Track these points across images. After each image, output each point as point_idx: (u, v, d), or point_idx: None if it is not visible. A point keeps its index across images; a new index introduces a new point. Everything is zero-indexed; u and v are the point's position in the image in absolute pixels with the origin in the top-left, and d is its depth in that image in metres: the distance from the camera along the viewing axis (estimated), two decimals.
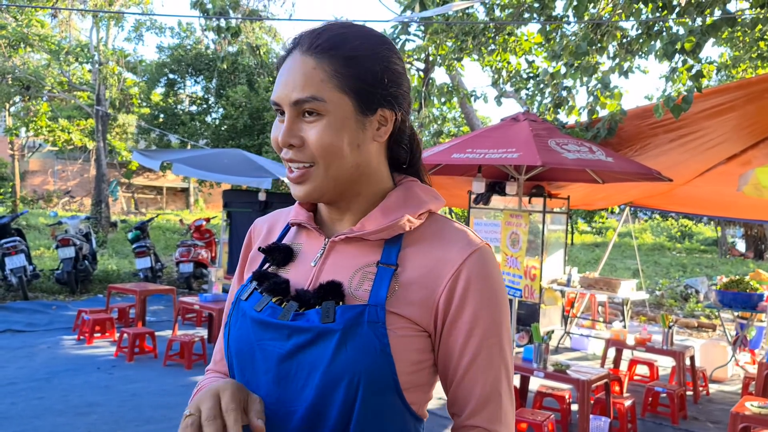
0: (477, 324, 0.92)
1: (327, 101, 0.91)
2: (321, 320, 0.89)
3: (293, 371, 0.90)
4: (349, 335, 0.87)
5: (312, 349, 0.89)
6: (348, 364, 0.86)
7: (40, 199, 23.62)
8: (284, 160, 0.95)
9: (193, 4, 5.66)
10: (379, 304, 0.89)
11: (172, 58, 18.54)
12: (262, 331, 0.94)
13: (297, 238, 1.05)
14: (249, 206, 10.16)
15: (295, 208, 1.06)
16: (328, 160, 0.92)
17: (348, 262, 0.96)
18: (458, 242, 0.95)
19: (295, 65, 0.93)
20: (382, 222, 0.95)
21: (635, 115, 6.01)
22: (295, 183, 0.96)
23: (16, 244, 8.98)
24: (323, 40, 0.93)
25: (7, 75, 15.63)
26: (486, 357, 0.93)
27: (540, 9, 6.21)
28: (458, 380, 0.93)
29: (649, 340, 5.65)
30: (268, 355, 0.92)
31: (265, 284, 0.97)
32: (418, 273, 0.93)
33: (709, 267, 17.35)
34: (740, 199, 6.48)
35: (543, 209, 7.01)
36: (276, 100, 0.94)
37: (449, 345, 0.93)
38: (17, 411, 4.59)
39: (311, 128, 0.92)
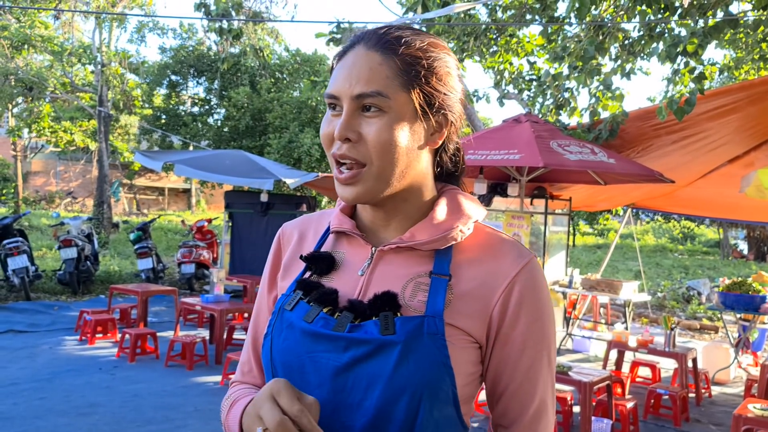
0: (530, 336, 0.92)
1: (391, 98, 0.89)
2: (380, 332, 0.87)
3: (350, 384, 0.88)
4: (411, 347, 0.85)
5: (371, 361, 0.86)
6: (410, 376, 0.84)
7: (42, 199, 23.65)
8: (334, 156, 0.92)
9: (197, 6, 5.67)
10: (437, 315, 0.88)
11: (174, 60, 18.57)
12: (313, 343, 0.90)
13: (337, 245, 1.02)
14: (251, 207, 10.18)
15: (337, 215, 1.02)
16: (383, 160, 0.90)
17: (398, 272, 0.94)
18: (509, 254, 0.94)
19: (360, 59, 0.91)
20: (434, 232, 0.93)
21: (637, 117, 6.00)
22: (344, 184, 0.92)
23: (18, 245, 9.00)
24: (392, 37, 0.92)
25: (10, 76, 15.65)
26: (538, 369, 0.93)
27: (542, 10, 6.21)
28: (511, 392, 0.93)
29: (651, 342, 5.64)
30: (321, 367, 0.89)
31: (313, 294, 0.94)
32: (471, 284, 0.92)
33: (711, 269, 17.33)
34: (743, 201, 6.47)
35: (545, 211, 7.01)
36: (335, 93, 0.91)
37: (502, 357, 0.92)
38: (19, 411, 4.59)
39: (371, 124, 0.89)
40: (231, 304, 6.76)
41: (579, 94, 6.74)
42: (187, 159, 9.67)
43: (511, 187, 6.80)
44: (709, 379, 6.04)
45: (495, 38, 7.39)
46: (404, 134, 0.90)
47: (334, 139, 0.92)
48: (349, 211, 1.03)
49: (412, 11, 5.83)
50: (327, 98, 0.93)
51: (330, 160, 0.93)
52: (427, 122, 0.93)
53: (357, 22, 5.90)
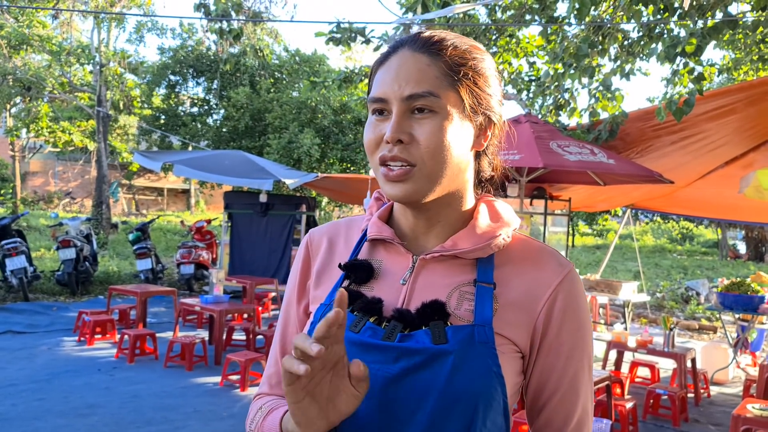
0: (574, 345, 0.92)
1: (441, 98, 0.89)
2: (433, 341, 0.85)
3: (402, 395, 0.85)
4: (464, 357, 0.84)
5: (424, 371, 0.84)
6: (465, 386, 0.83)
7: (40, 200, 23.63)
8: (384, 159, 0.89)
9: (196, 6, 5.67)
10: (487, 324, 0.87)
11: (173, 60, 18.55)
12: (362, 354, 0.87)
13: (374, 253, 1.00)
14: (250, 208, 10.17)
15: (375, 222, 1.00)
16: (435, 161, 0.89)
17: (441, 281, 0.93)
18: (550, 263, 0.94)
19: (407, 61, 0.90)
20: (477, 240, 0.93)
21: (637, 117, 6.01)
22: (394, 181, 0.89)
23: (16, 246, 8.99)
24: (437, 39, 0.92)
25: (8, 76, 15.63)
26: (580, 378, 0.93)
27: (541, 11, 6.21)
28: (556, 402, 0.93)
29: (650, 342, 5.65)
30: (371, 379, 0.85)
31: (357, 303, 0.92)
32: (515, 293, 0.92)
33: (709, 269, 17.35)
34: (741, 202, 6.49)
35: (544, 211, 7.01)
36: (382, 96, 0.90)
37: (546, 367, 0.92)
38: (18, 412, 4.58)
39: (422, 125, 0.89)
40: (230, 304, 6.76)
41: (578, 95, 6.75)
42: (187, 159, 9.67)
43: (510, 188, 6.79)
44: (707, 379, 6.05)
45: (494, 39, 7.39)
46: (455, 135, 0.90)
47: (380, 143, 0.90)
48: (385, 218, 1.01)
49: (411, 11, 5.83)
50: (373, 103, 0.92)
51: (374, 163, 0.92)
52: (474, 123, 0.93)
53: (357, 22, 5.90)
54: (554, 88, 6.89)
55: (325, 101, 15.16)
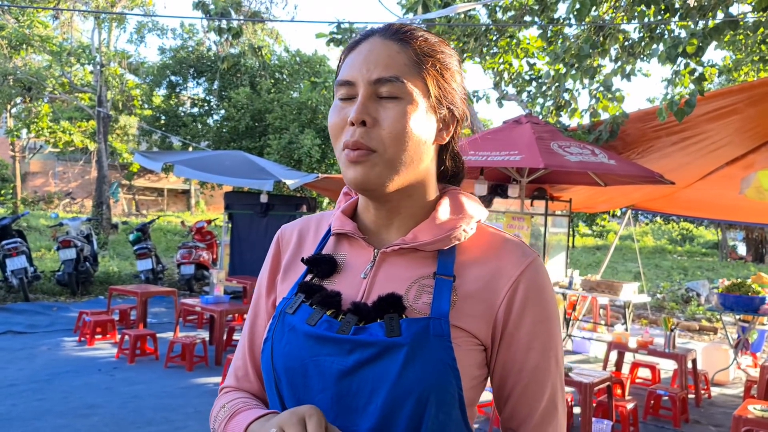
0: (536, 336, 0.91)
1: (408, 85, 0.89)
2: (386, 334, 0.85)
3: (355, 388, 0.86)
4: (417, 349, 0.84)
5: (377, 364, 0.84)
6: (417, 379, 0.83)
7: (41, 200, 23.63)
8: (346, 144, 0.89)
9: (196, 5, 5.67)
10: (443, 317, 0.87)
11: (174, 60, 18.55)
12: (317, 346, 0.88)
13: (338, 248, 1.00)
14: (250, 208, 10.17)
15: (338, 217, 1.00)
16: (396, 147, 0.89)
17: (401, 274, 0.93)
18: (512, 253, 0.93)
19: (377, 47, 0.91)
20: (438, 232, 0.92)
21: (637, 118, 6.01)
22: (354, 163, 0.89)
23: (17, 246, 8.99)
24: (407, 29, 0.93)
25: (8, 76, 15.64)
26: (544, 370, 0.92)
27: (541, 12, 6.21)
28: (518, 394, 0.92)
29: (651, 343, 5.64)
30: (325, 371, 0.87)
31: (316, 297, 0.92)
32: (475, 285, 0.91)
33: (710, 270, 17.34)
34: (742, 203, 6.48)
35: (545, 212, 7.01)
36: (350, 78, 0.90)
37: (508, 358, 0.91)
38: (18, 412, 4.58)
39: (387, 110, 0.89)
40: (231, 305, 6.75)
41: (579, 95, 6.74)
42: (187, 160, 9.67)
43: (511, 188, 6.80)
44: (708, 380, 6.05)
45: (495, 39, 7.39)
46: (418, 123, 0.90)
47: (344, 127, 0.90)
48: (350, 213, 1.02)
49: (412, 12, 5.83)
50: (339, 86, 0.92)
51: (338, 149, 0.91)
52: (438, 116, 0.94)
53: (357, 23, 5.91)
54: (555, 88, 6.89)
55: (325, 102, 15.16)
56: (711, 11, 5.22)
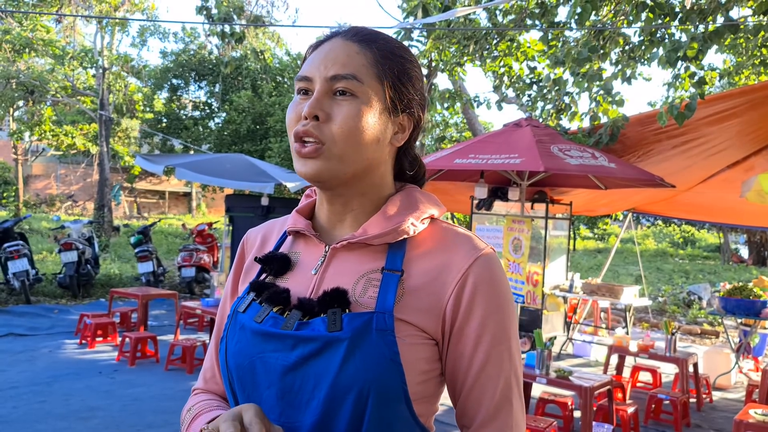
0: (485, 330, 0.89)
1: (364, 84, 0.90)
2: (327, 329, 0.85)
3: (298, 384, 0.86)
4: (358, 344, 0.84)
5: (318, 359, 0.85)
6: (357, 374, 0.82)
7: (43, 203, 23.66)
8: (296, 133, 0.91)
9: (199, 9, 5.69)
10: (387, 311, 0.86)
11: (175, 63, 18.60)
12: (263, 343, 0.89)
13: (294, 246, 1.02)
14: (251, 211, 10.17)
15: (293, 216, 1.02)
16: (347, 143, 0.90)
17: (351, 269, 0.93)
18: (463, 247, 0.92)
19: (337, 46, 0.93)
20: (385, 226, 0.92)
21: (638, 122, 6.01)
22: (305, 157, 0.90)
23: (18, 248, 9.00)
24: (368, 32, 0.95)
25: (11, 79, 15.67)
26: (495, 364, 0.90)
27: (541, 15, 6.22)
28: (468, 389, 0.90)
29: (651, 347, 5.63)
30: (271, 367, 0.88)
31: (264, 294, 0.93)
32: (424, 279, 0.90)
33: (711, 273, 17.31)
34: (743, 206, 6.47)
35: (545, 215, 7.01)
36: (308, 75, 0.92)
37: (457, 353, 0.90)
38: (19, 415, 4.59)
39: (341, 106, 0.90)
40: None
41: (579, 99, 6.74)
42: (188, 162, 9.68)
43: (511, 192, 6.80)
44: (710, 384, 6.03)
45: (495, 43, 7.40)
46: (371, 123, 0.91)
47: (298, 120, 0.92)
48: (307, 212, 1.03)
49: (412, 16, 5.84)
50: (298, 81, 0.93)
51: (291, 140, 0.93)
52: (393, 119, 0.95)
53: None
54: (555, 92, 6.90)
55: None
56: (711, 15, 5.23)
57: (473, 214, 7.32)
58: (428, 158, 6.25)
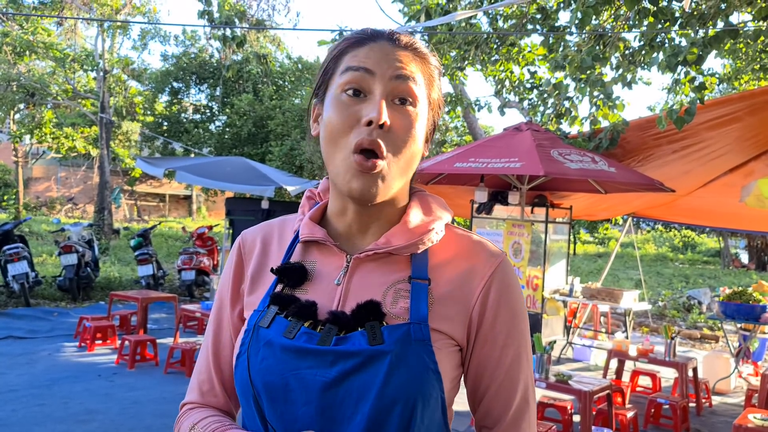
0: (509, 334, 0.92)
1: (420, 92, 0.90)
2: (369, 342, 0.84)
3: (339, 399, 0.84)
4: (401, 356, 0.83)
5: (361, 374, 0.83)
6: (402, 386, 0.82)
7: (43, 205, 23.67)
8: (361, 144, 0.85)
9: (200, 13, 5.70)
10: (422, 321, 0.87)
11: (176, 67, 18.64)
12: (297, 360, 0.85)
13: (307, 255, 0.97)
14: (252, 214, 10.18)
15: (307, 224, 0.97)
16: (404, 156, 0.88)
17: (375, 280, 0.92)
18: (481, 253, 0.94)
19: (395, 50, 0.89)
20: (411, 237, 0.92)
21: (638, 126, 6.02)
22: (368, 172, 0.85)
23: (18, 251, 9.00)
24: (419, 45, 0.93)
25: (12, 82, 15.70)
26: (517, 367, 0.93)
27: (543, 20, 6.24)
28: (493, 392, 0.93)
29: (651, 351, 5.63)
30: (308, 384, 0.84)
31: (291, 308, 0.89)
32: (449, 287, 0.92)
33: (712, 278, 17.30)
34: (743, 210, 6.48)
35: (545, 219, 7.01)
36: (371, 68, 0.87)
37: (482, 357, 0.92)
38: (18, 418, 4.58)
39: (401, 116, 0.87)
40: None
41: (579, 103, 6.75)
42: (189, 166, 9.69)
43: (511, 196, 6.81)
44: (709, 388, 6.03)
45: (496, 47, 7.41)
46: (420, 135, 0.91)
47: (354, 126, 0.86)
48: (317, 218, 0.99)
49: (414, 20, 5.86)
50: (354, 72, 0.87)
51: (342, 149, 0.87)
52: (428, 129, 0.95)
53: None
54: (555, 96, 6.91)
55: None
56: (711, 20, 5.24)
57: (473, 218, 7.33)
58: (429, 162, 6.26)
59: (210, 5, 5.65)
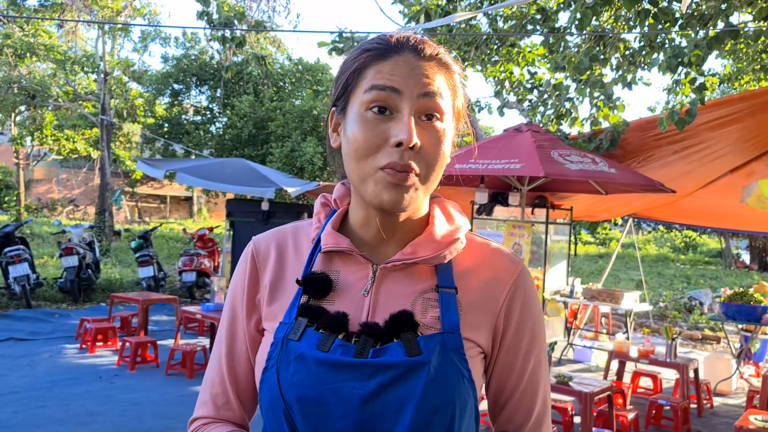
0: (531, 340, 0.94)
1: (447, 107, 0.90)
2: (407, 353, 0.83)
3: (378, 412, 0.82)
4: (438, 366, 0.84)
5: (400, 385, 0.82)
6: (441, 396, 0.83)
7: (44, 207, 23.68)
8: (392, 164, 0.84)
9: (199, 15, 5.71)
10: (455, 330, 0.88)
11: (176, 68, 18.65)
12: (333, 373, 0.84)
13: (330, 264, 0.95)
14: (252, 216, 10.18)
15: (330, 233, 0.94)
16: (433, 171, 0.88)
17: (403, 289, 0.91)
18: (503, 261, 0.96)
19: (418, 64, 0.87)
20: (437, 247, 0.92)
21: (638, 127, 6.01)
22: (396, 186, 0.85)
23: (19, 253, 9.01)
24: (443, 54, 0.91)
25: (13, 84, 15.71)
26: (538, 373, 0.96)
27: (542, 21, 6.24)
28: (516, 398, 0.95)
29: (652, 352, 5.62)
30: (345, 398, 0.83)
31: (322, 320, 0.87)
32: (475, 295, 0.93)
33: (713, 279, 17.29)
34: (744, 211, 6.47)
35: (546, 220, 7.00)
36: (398, 87, 0.85)
37: (506, 363, 0.94)
38: (18, 420, 4.58)
39: (432, 132, 0.87)
40: None
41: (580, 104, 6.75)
42: (189, 167, 9.70)
43: (512, 197, 6.80)
44: (710, 389, 6.02)
45: (496, 48, 7.41)
46: (448, 149, 0.91)
47: (382, 145, 0.85)
48: (338, 226, 0.97)
49: (414, 21, 5.86)
50: (379, 91, 0.85)
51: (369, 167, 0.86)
52: (454, 140, 0.96)
53: (359, 32, 5.93)
54: (555, 97, 6.91)
55: (327, 110, 15.21)
56: (711, 20, 5.24)
57: (474, 219, 7.32)
58: None
59: (209, 5, 5.66)
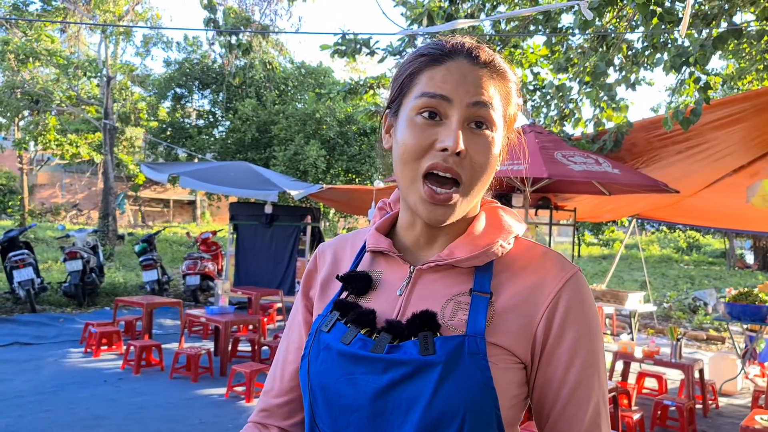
0: (576, 354, 0.88)
1: (497, 117, 0.89)
2: (420, 352, 0.84)
3: (390, 408, 0.84)
4: (451, 368, 0.82)
5: (411, 383, 0.83)
6: (451, 399, 0.81)
7: (48, 212, 23.75)
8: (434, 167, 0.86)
9: (206, 21, 5.72)
10: (478, 334, 0.85)
11: (179, 72, 18.69)
12: (351, 365, 0.87)
13: (374, 265, 0.99)
14: (255, 219, 10.20)
15: (373, 234, 0.99)
16: (481, 182, 0.89)
17: (437, 291, 0.92)
18: (552, 268, 0.91)
19: (471, 72, 0.88)
20: (473, 249, 0.91)
21: (642, 127, 6.01)
22: (440, 205, 0.87)
23: (24, 257, 9.03)
24: (498, 61, 0.92)
25: (16, 89, 15.78)
26: (585, 388, 0.89)
27: (545, 22, 6.24)
28: (558, 413, 0.89)
29: (657, 353, 5.61)
30: (360, 390, 0.86)
31: (351, 315, 0.91)
32: (513, 301, 0.89)
33: (717, 279, 17.25)
34: (748, 211, 6.46)
35: (549, 221, 7.00)
36: (448, 95, 0.86)
37: (547, 376, 0.89)
38: (24, 424, 4.59)
39: (480, 140, 0.87)
40: (235, 315, 6.76)
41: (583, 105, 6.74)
42: (192, 171, 9.73)
43: (515, 198, 6.79)
44: (716, 390, 6.00)
45: (499, 49, 7.41)
46: (496, 158, 0.91)
47: (429, 150, 0.87)
48: (386, 229, 1.01)
49: (416, 23, 5.87)
50: (430, 98, 0.87)
51: (413, 172, 0.88)
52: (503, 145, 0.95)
53: (361, 34, 5.94)
54: (559, 98, 6.90)
55: (330, 113, 15.23)
56: (714, 20, 5.23)
57: None
58: None
59: (215, 12, 5.68)
